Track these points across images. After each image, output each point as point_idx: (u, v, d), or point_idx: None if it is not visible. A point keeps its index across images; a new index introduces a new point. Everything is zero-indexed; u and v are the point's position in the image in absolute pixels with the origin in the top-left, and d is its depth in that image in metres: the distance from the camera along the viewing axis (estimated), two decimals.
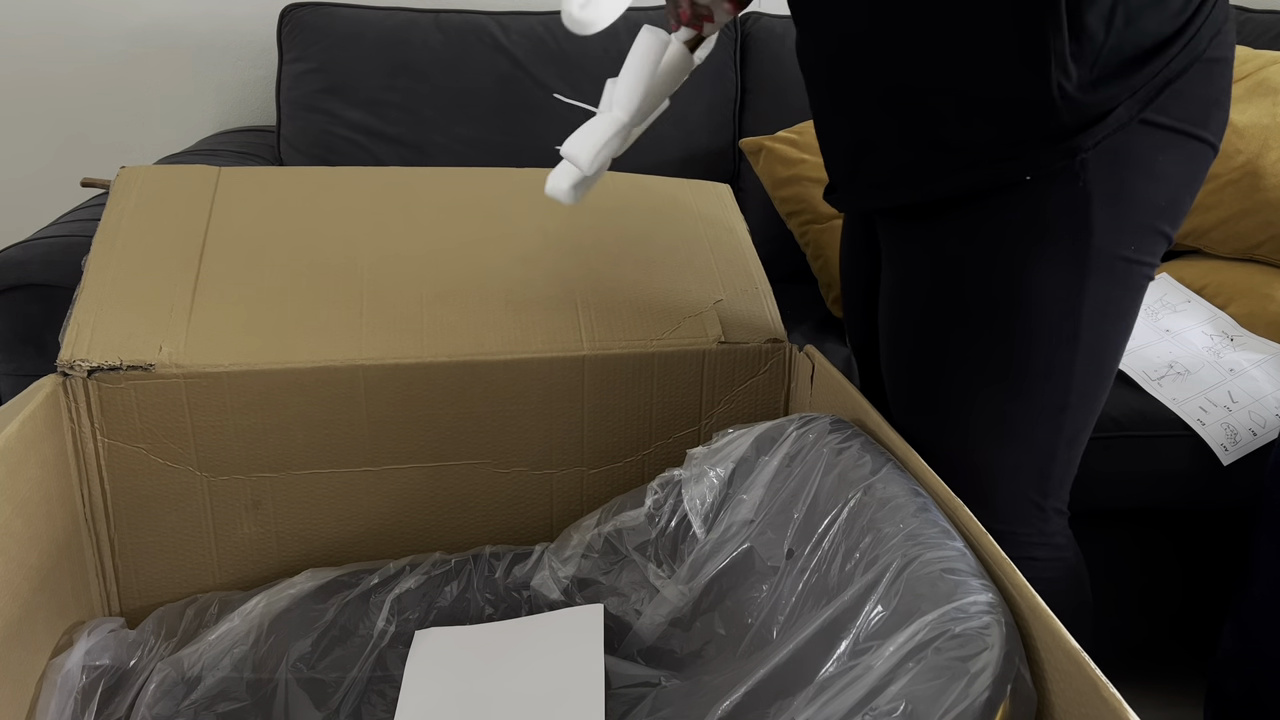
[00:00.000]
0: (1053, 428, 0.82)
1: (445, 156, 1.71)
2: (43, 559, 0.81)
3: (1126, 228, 0.77)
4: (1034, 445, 0.83)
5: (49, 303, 1.21)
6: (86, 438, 0.88)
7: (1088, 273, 0.76)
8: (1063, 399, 0.81)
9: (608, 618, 0.86)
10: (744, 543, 0.81)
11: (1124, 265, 0.78)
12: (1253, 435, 1.21)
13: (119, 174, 1.07)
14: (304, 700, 0.81)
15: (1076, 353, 0.79)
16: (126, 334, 0.89)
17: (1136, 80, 0.72)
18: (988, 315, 0.79)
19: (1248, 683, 1.12)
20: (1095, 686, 0.53)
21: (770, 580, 0.78)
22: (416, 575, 0.92)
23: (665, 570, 0.86)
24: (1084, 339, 0.78)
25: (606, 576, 0.89)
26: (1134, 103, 0.73)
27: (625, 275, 1.05)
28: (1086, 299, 0.77)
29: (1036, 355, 0.79)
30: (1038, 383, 0.80)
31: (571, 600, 0.90)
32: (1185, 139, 0.76)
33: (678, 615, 0.84)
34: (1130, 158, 0.75)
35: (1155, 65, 0.73)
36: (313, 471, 0.94)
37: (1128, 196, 0.76)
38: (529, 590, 0.92)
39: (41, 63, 1.84)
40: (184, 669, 0.82)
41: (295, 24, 1.73)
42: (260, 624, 0.86)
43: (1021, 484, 0.84)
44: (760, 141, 1.67)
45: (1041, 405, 0.81)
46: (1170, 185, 0.77)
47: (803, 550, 0.75)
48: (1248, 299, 1.40)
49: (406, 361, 0.93)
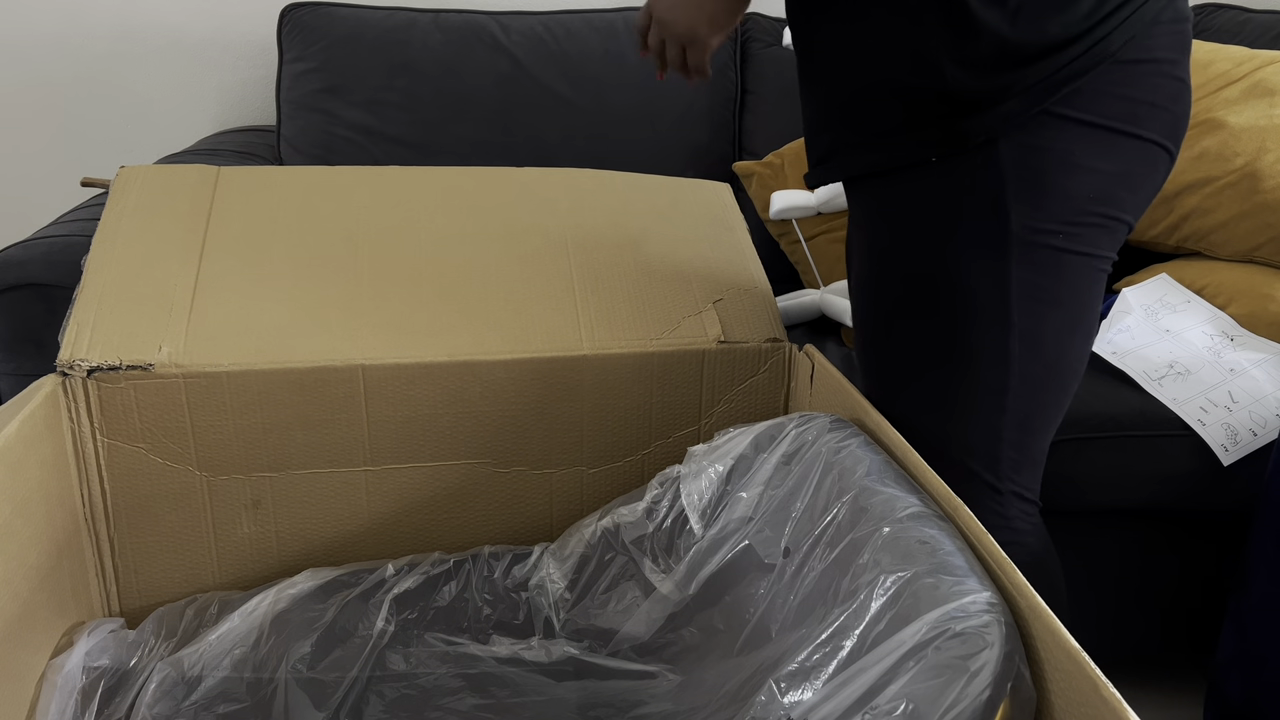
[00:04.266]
0: (994, 407, 0.85)
1: (445, 156, 1.71)
2: (42, 559, 0.81)
3: (1047, 215, 0.80)
4: (978, 423, 0.86)
5: (49, 302, 1.21)
6: (86, 437, 0.88)
7: (1009, 256, 0.81)
8: (1002, 380, 0.84)
9: (603, 619, 0.86)
10: (742, 540, 0.82)
11: (1051, 253, 0.81)
12: (1253, 435, 1.21)
13: (118, 174, 1.07)
14: (304, 701, 0.80)
15: (1009, 334, 0.82)
16: (126, 334, 0.89)
17: (1030, 74, 0.77)
18: (915, 292, 0.84)
19: (1247, 683, 1.12)
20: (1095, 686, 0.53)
21: (768, 578, 0.78)
22: (415, 575, 0.92)
23: (662, 566, 0.86)
24: (1016, 322, 0.82)
25: (604, 574, 0.89)
26: (1028, 96, 0.77)
27: (625, 275, 1.05)
28: (1012, 283, 0.81)
29: (965, 333, 0.83)
30: (972, 360, 0.83)
31: (568, 604, 0.90)
32: (1111, 134, 0.80)
33: (675, 611, 0.84)
34: (1044, 148, 0.79)
35: (1054, 62, 0.77)
36: (312, 471, 0.94)
37: (1045, 186, 0.80)
38: (527, 591, 0.92)
39: (42, 62, 1.84)
40: (184, 669, 0.82)
41: (295, 24, 1.73)
42: (261, 625, 0.86)
43: (971, 463, 0.87)
44: (751, 167, 1.70)
45: (980, 383, 0.84)
46: (1099, 178, 0.81)
47: (800, 548, 0.75)
48: (1248, 299, 1.40)
49: (406, 361, 0.93)
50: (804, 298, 1.51)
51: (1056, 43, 0.77)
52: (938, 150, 0.80)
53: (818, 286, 1.58)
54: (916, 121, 0.81)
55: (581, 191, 1.17)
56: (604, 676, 0.83)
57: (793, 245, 1.62)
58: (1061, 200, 0.80)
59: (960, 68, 0.78)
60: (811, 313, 1.50)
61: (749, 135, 1.82)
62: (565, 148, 1.73)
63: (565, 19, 1.77)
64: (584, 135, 1.74)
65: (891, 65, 0.81)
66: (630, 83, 1.75)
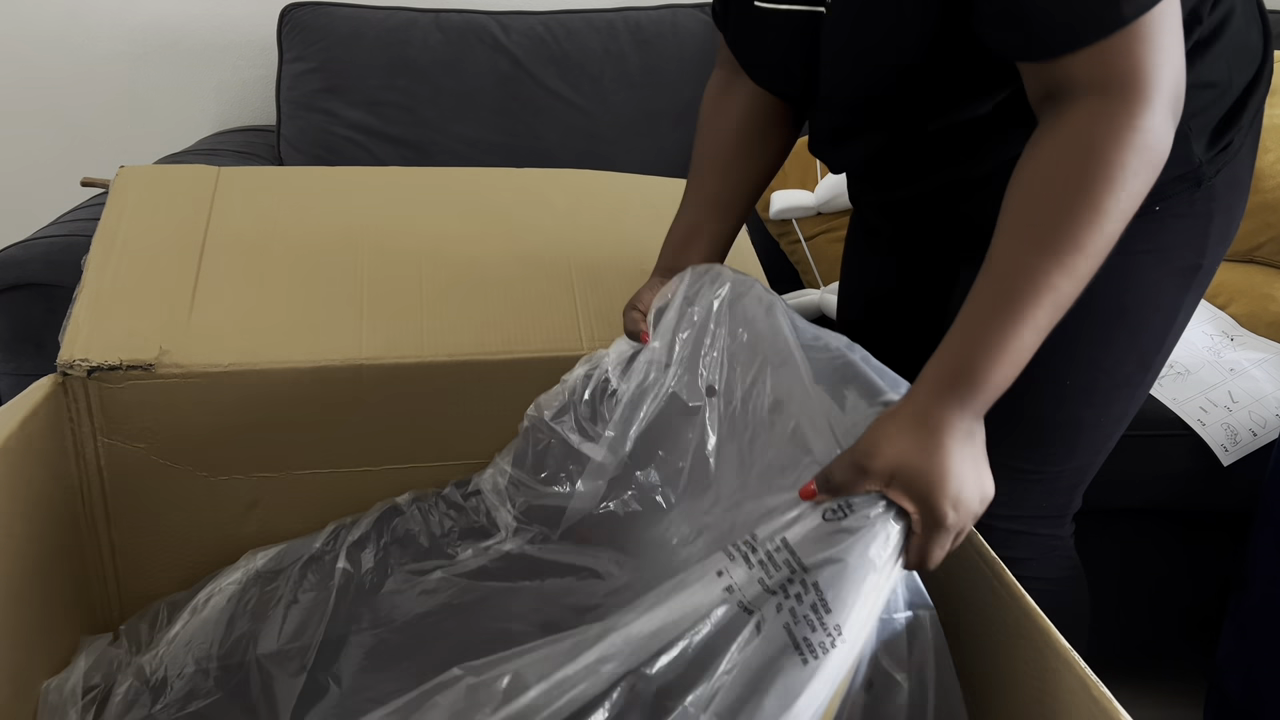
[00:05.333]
0: (1108, 437, 0.83)
1: (445, 156, 1.71)
2: (42, 558, 0.81)
3: (1224, 246, 0.79)
4: (1091, 452, 0.83)
5: (50, 302, 1.21)
6: (86, 437, 0.88)
7: (1189, 289, 0.78)
8: (1128, 409, 0.82)
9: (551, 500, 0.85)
10: (664, 389, 0.81)
11: (1207, 279, 0.79)
12: (1253, 435, 1.21)
13: (118, 174, 1.07)
14: (279, 671, 0.79)
15: (1153, 366, 0.80)
16: (126, 334, 0.89)
17: (1246, 114, 0.74)
18: (1096, 320, 0.77)
19: (1248, 683, 1.12)
20: (1085, 685, 0.53)
21: (695, 420, 0.77)
22: (362, 524, 0.92)
23: (591, 434, 0.84)
24: (1164, 352, 0.80)
25: (544, 460, 0.87)
26: (1244, 130, 0.75)
27: (625, 275, 1.05)
28: (1180, 314, 0.78)
29: (1125, 366, 0.79)
30: (1116, 392, 0.80)
31: (510, 499, 0.89)
32: (1256, 145, 0.78)
33: (615, 475, 0.82)
34: (1236, 178, 0.77)
35: (1259, 91, 0.75)
36: (312, 471, 0.94)
37: (1232, 214, 0.78)
38: (480, 495, 0.90)
39: (41, 62, 1.84)
40: (146, 676, 0.81)
41: (295, 23, 1.73)
42: (213, 616, 0.85)
43: (1059, 491, 0.85)
44: None
45: (1113, 415, 0.81)
46: (1247, 195, 0.79)
47: (722, 384, 0.76)
48: (1248, 299, 1.40)
49: (406, 361, 0.93)
50: (804, 298, 1.51)
51: (1256, 71, 0.75)
52: (1162, 199, 0.74)
53: (818, 286, 1.58)
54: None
55: (581, 191, 1.17)
56: (562, 574, 0.82)
57: (793, 245, 1.62)
58: (1235, 226, 0.79)
59: (1200, 142, 0.74)
60: (811, 313, 1.50)
61: None
62: (565, 148, 1.73)
63: (565, 19, 1.77)
64: (584, 135, 1.74)
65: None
66: (630, 83, 1.75)
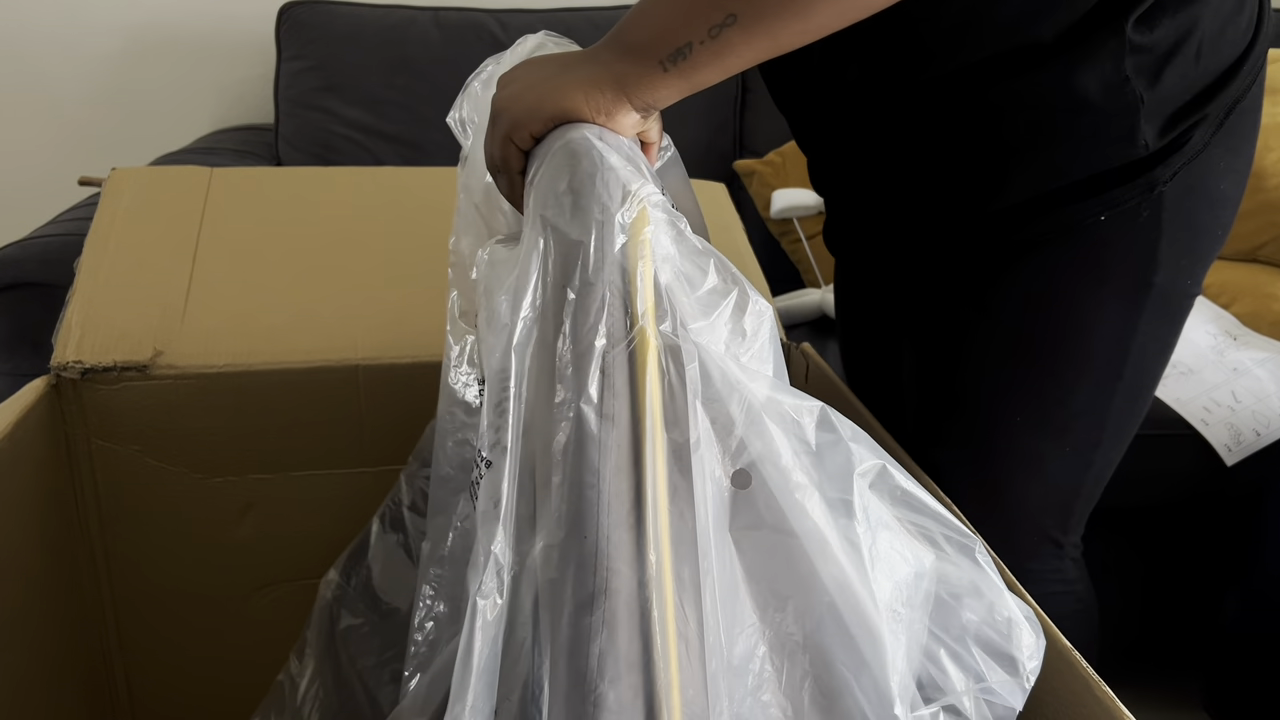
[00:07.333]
0: (1082, 464, 0.79)
1: (445, 155, 1.70)
2: (35, 561, 0.80)
3: (1189, 262, 0.73)
4: (1061, 482, 0.81)
5: (46, 302, 1.21)
6: (79, 440, 0.87)
7: (1143, 311, 0.72)
8: (1096, 436, 0.78)
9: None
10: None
11: (1179, 300, 0.75)
12: (1256, 435, 1.21)
13: (110, 175, 1.06)
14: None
15: (1116, 392, 0.76)
16: (119, 335, 0.89)
17: (1212, 106, 0.69)
18: (1035, 353, 0.75)
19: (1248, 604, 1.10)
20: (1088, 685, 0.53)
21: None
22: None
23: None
24: (1127, 377, 0.75)
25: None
26: (1208, 126, 0.69)
27: None
28: (1137, 337, 0.73)
29: (1078, 395, 0.75)
30: (1073, 421, 0.77)
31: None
32: (1240, 157, 0.73)
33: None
34: (1201, 187, 0.71)
35: (1232, 87, 0.69)
36: (308, 473, 0.94)
37: (1194, 228, 0.72)
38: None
39: (39, 60, 1.84)
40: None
41: (293, 22, 1.72)
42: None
43: (1045, 522, 0.83)
44: (752, 165, 1.69)
45: (1076, 443, 0.78)
46: (1228, 210, 0.74)
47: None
48: (1250, 299, 1.39)
49: (404, 361, 0.93)
50: (805, 297, 1.51)
51: (1231, 64, 0.69)
52: (1109, 207, 0.69)
53: (819, 285, 1.57)
54: (1097, 185, 0.69)
55: None
56: None
57: (794, 244, 1.61)
58: (1203, 241, 0.73)
59: (1152, 128, 0.68)
60: (813, 312, 1.49)
61: (750, 133, 1.81)
62: None
63: (565, 17, 1.76)
64: None
65: (1091, 162, 0.69)
66: None
